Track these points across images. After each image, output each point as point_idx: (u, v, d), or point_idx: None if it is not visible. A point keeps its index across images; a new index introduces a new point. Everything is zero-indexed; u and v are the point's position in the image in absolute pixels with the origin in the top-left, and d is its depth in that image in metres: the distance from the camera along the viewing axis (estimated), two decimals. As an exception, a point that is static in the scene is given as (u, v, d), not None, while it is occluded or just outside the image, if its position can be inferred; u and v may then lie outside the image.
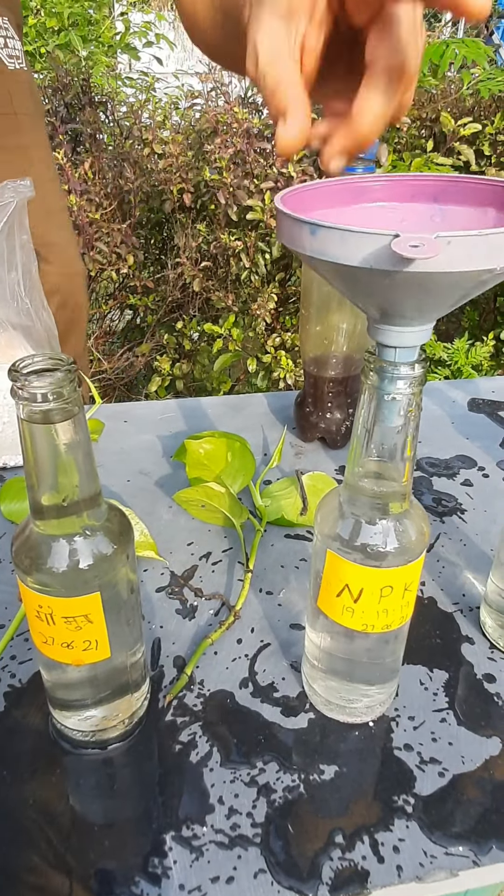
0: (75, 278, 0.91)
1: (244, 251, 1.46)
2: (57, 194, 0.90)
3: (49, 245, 0.85)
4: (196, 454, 0.58)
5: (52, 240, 0.86)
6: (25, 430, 0.29)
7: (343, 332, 0.62)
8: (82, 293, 0.93)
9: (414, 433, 0.32)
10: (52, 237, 0.87)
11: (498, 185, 0.32)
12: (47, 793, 0.36)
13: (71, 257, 0.91)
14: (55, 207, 0.88)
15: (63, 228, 0.90)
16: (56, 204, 0.89)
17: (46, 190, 0.85)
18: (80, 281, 0.92)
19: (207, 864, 0.33)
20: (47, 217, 0.85)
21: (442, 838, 0.35)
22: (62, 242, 0.89)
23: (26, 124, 0.82)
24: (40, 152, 0.86)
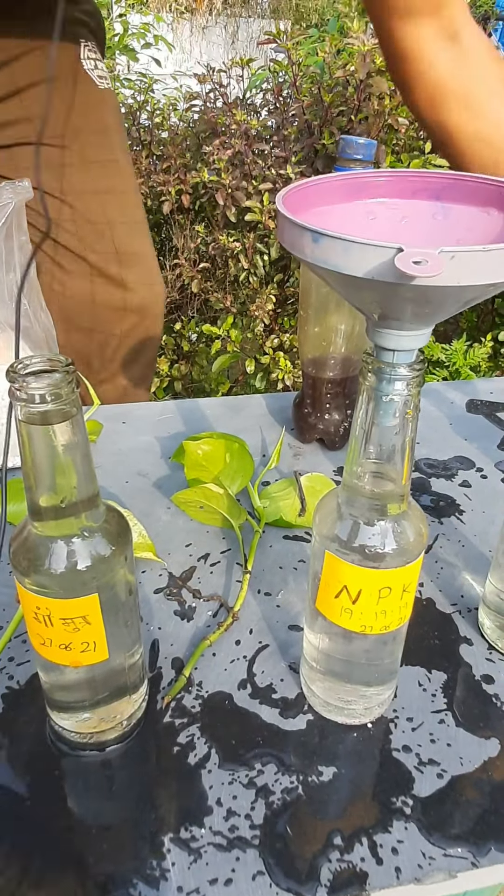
0: (155, 288, 0.93)
1: (243, 252, 1.46)
2: (139, 207, 0.92)
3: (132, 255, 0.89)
4: (194, 455, 0.58)
5: (135, 250, 0.89)
6: (23, 432, 0.29)
7: (341, 334, 0.63)
8: (161, 304, 0.95)
9: (412, 434, 0.32)
10: (135, 247, 0.89)
11: (501, 185, 0.32)
12: (45, 795, 0.36)
13: (152, 268, 0.93)
14: (138, 219, 0.91)
15: (145, 240, 0.92)
16: (139, 216, 0.92)
17: (130, 202, 0.89)
18: (160, 291, 0.94)
19: (206, 866, 0.33)
20: (131, 228, 0.88)
21: (440, 840, 0.35)
22: (145, 253, 0.92)
23: (116, 140, 0.86)
24: (127, 167, 0.90)
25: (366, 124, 1.35)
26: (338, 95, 1.39)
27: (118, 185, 0.87)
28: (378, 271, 0.25)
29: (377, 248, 0.24)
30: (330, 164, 1.37)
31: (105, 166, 0.85)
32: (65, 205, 0.83)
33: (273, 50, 1.43)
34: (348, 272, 0.26)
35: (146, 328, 0.94)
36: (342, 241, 0.25)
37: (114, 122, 0.86)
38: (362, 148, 0.54)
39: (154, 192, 1.60)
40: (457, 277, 0.24)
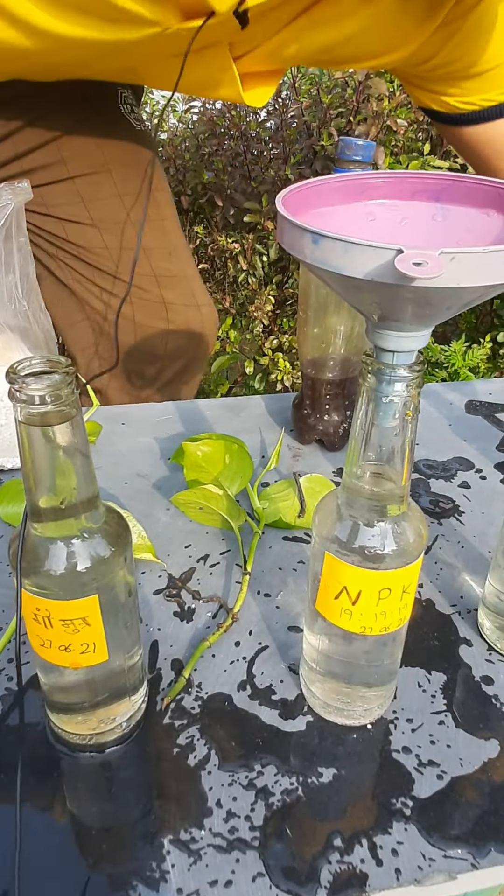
0: (202, 309, 0.96)
1: (242, 253, 1.46)
2: (177, 233, 0.97)
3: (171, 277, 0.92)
4: (194, 456, 0.58)
5: (173, 273, 0.93)
6: (23, 433, 0.29)
7: (341, 335, 0.63)
8: (209, 326, 0.98)
9: (412, 435, 0.32)
10: (173, 270, 0.93)
11: (500, 187, 0.32)
12: (44, 797, 0.36)
13: (196, 289, 0.96)
14: (176, 244, 0.95)
15: (185, 263, 0.96)
16: (177, 241, 0.96)
17: (168, 228, 0.94)
18: (207, 312, 0.97)
19: (206, 867, 0.33)
20: (169, 253, 0.93)
21: (440, 841, 0.35)
22: (186, 275, 0.95)
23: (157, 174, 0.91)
24: (165, 196, 0.94)
25: (364, 125, 1.35)
26: (336, 97, 1.40)
27: (155, 214, 0.91)
28: (378, 273, 0.25)
29: (377, 249, 0.24)
30: (329, 166, 1.38)
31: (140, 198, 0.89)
32: (97, 231, 0.88)
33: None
34: (348, 273, 0.26)
35: (193, 348, 0.98)
36: (342, 242, 0.25)
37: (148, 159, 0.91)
38: (361, 149, 0.54)
39: (153, 194, 1.60)
40: (457, 279, 0.24)
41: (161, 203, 0.93)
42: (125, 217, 0.89)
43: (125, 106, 0.88)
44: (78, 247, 0.89)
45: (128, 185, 0.89)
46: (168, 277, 0.92)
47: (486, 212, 0.33)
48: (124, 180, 0.88)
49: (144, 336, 0.93)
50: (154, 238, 0.91)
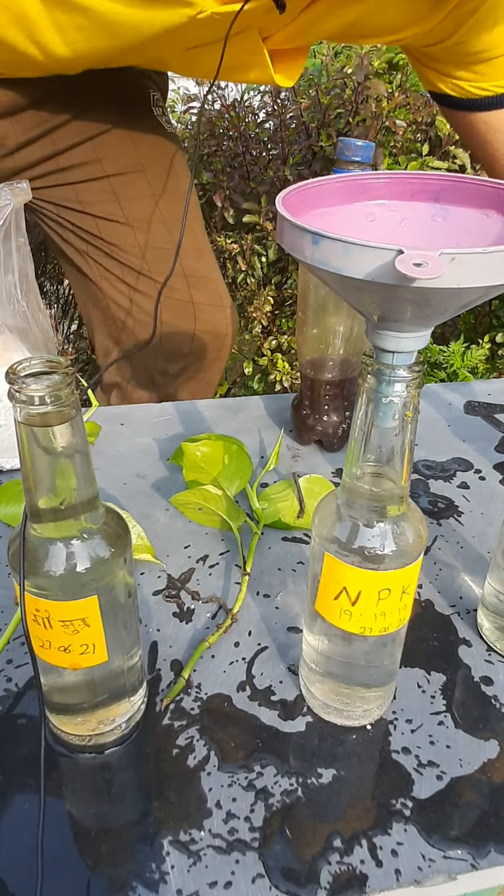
0: (227, 310, 0.98)
1: (241, 254, 1.46)
2: (204, 235, 0.98)
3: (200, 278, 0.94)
4: (193, 457, 0.58)
5: (202, 274, 0.95)
6: (23, 433, 0.29)
7: (340, 335, 0.63)
8: (228, 325, 0.99)
9: (411, 436, 0.32)
10: (202, 271, 0.95)
11: (500, 188, 0.32)
12: (44, 798, 0.36)
13: (220, 290, 0.98)
14: (205, 247, 0.97)
15: (212, 264, 0.98)
16: (203, 244, 0.97)
17: (195, 230, 0.95)
18: (230, 314, 0.99)
19: (205, 868, 0.33)
20: (199, 255, 0.95)
21: (440, 842, 0.35)
22: (213, 277, 0.97)
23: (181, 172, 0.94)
24: (194, 197, 0.96)
25: (363, 126, 1.35)
26: (335, 97, 1.40)
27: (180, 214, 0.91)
28: (378, 273, 0.25)
29: (377, 249, 0.24)
30: (328, 166, 1.38)
31: (170, 198, 0.91)
32: (130, 229, 0.90)
33: (271, 52, 1.43)
34: (348, 274, 0.26)
35: (216, 348, 0.99)
36: (342, 242, 0.25)
37: (178, 158, 0.93)
38: (360, 150, 0.54)
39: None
40: (457, 279, 0.24)
41: (191, 205, 0.94)
42: (158, 216, 0.90)
43: (157, 109, 0.90)
44: (110, 244, 0.90)
45: (160, 185, 0.90)
46: (197, 278, 0.94)
47: (486, 212, 0.33)
48: (157, 180, 0.90)
49: (170, 335, 0.94)
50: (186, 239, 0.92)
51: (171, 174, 0.92)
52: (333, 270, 0.26)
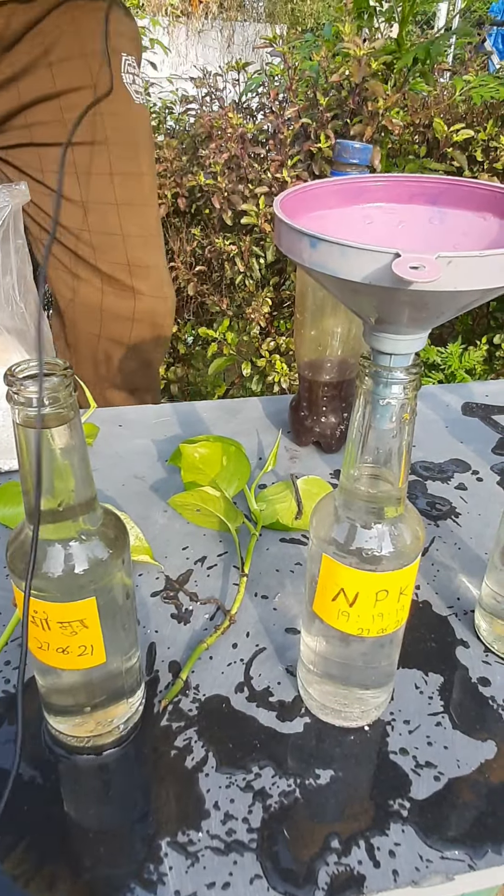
0: (167, 301, 0.95)
1: (239, 255, 1.46)
2: (156, 220, 0.95)
3: (144, 267, 0.90)
4: (191, 458, 0.58)
5: (147, 263, 0.91)
6: (21, 435, 0.29)
7: (337, 337, 0.63)
8: (170, 315, 0.97)
9: (409, 438, 0.32)
10: (147, 260, 0.91)
11: (497, 191, 0.32)
12: (42, 799, 0.36)
13: (163, 281, 0.95)
14: (153, 232, 0.93)
15: (158, 252, 0.95)
16: (155, 229, 0.94)
17: (148, 215, 0.92)
18: (169, 305, 0.96)
19: (203, 869, 0.33)
20: (146, 241, 0.91)
21: (438, 842, 0.35)
22: (157, 265, 0.94)
23: (144, 155, 0.89)
24: (150, 181, 0.92)
25: (361, 126, 1.35)
26: (333, 99, 1.40)
27: (138, 198, 0.89)
28: (375, 276, 0.25)
29: (374, 252, 0.25)
30: (326, 168, 1.38)
31: (128, 179, 0.87)
32: (85, 212, 0.86)
33: (269, 54, 1.43)
34: (345, 277, 0.26)
35: (155, 338, 0.96)
36: (339, 245, 0.25)
37: (144, 137, 0.88)
38: (358, 152, 0.54)
39: (150, 195, 1.60)
40: (454, 282, 0.24)
41: (146, 189, 0.90)
42: (112, 198, 0.86)
43: (127, 75, 0.85)
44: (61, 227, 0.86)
45: (121, 163, 0.86)
46: (141, 268, 0.91)
47: (483, 215, 0.33)
48: (118, 158, 0.85)
49: (111, 324, 0.92)
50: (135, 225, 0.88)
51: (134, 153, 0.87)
52: (331, 273, 0.26)
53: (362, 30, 1.51)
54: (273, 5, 5.89)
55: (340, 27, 1.36)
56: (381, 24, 1.68)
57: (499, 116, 1.49)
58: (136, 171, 0.88)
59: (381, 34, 1.40)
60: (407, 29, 1.43)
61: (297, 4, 5.51)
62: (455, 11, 2.90)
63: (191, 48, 4.70)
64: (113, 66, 0.82)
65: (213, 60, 4.04)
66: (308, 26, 5.00)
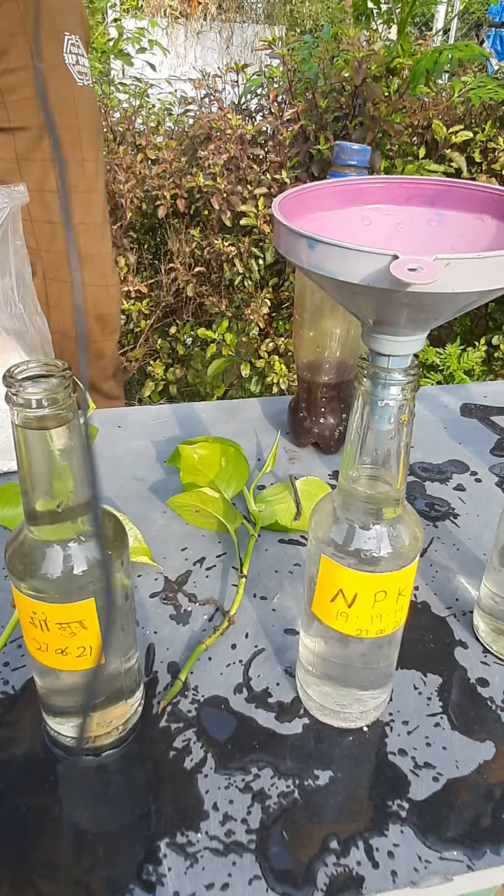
0: (110, 290, 0.93)
1: (238, 256, 1.46)
2: (100, 207, 0.92)
3: (87, 256, 0.88)
4: (190, 459, 0.59)
5: (90, 251, 0.89)
6: (20, 436, 0.29)
7: (336, 338, 0.63)
8: (116, 304, 0.95)
9: (407, 439, 0.32)
10: (90, 249, 0.89)
11: (494, 193, 0.32)
12: (41, 800, 0.36)
13: (106, 269, 0.93)
14: (98, 220, 0.91)
15: (102, 241, 0.92)
16: (100, 217, 0.91)
17: (93, 203, 0.89)
18: (114, 293, 0.94)
19: (202, 870, 0.33)
20: (89, 229, 0.88)
21: (436, 843, 0.35)
22: (100, 254, 0.91)
23: (87, 139, 0.85)
24: (95, 166, 0.89)
25: (361, 129, 1.36)
26: (332, 101, 1.40)
27: (81, 185, 0.86)
28: (373, 278, 0.25)
29: (373, 254, 0.25)
30: (325, 169, 1.38)
31: (70, 165, 0.84)
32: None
33: (268, 56, 1.43)
34: (344, 278, 0.26)
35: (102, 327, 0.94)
36: (338, 247, 0.26)
37: (87, 121, 0.85)
38: (357, 154, 0.54)
39: (149, 197, 1.61)
40: (451, 284, 0.24)
41: (90, 175, 0.87)
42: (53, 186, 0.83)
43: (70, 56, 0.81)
44: None
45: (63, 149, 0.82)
46: (85, 256, 0.88)
47: (481, 217, 0.33)
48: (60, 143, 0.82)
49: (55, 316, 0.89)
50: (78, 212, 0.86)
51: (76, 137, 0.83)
52: (329, 275, 0.26)
53: (361, 31, 1.51)
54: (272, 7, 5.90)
55: (342, 27, 1.36)
56: (380, 25, 1.69)
57: (497, 118, 1.50)
58: (79, 156, 0.85)
59: (379, 36, 1.41)
60: (406, 31, 1.43)
61: (296, 6, 5.52)
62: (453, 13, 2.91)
63: (189, 49, 4.71)
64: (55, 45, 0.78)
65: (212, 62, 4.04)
66: (307, 28, 5.01)
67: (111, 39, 2.03)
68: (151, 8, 4.42)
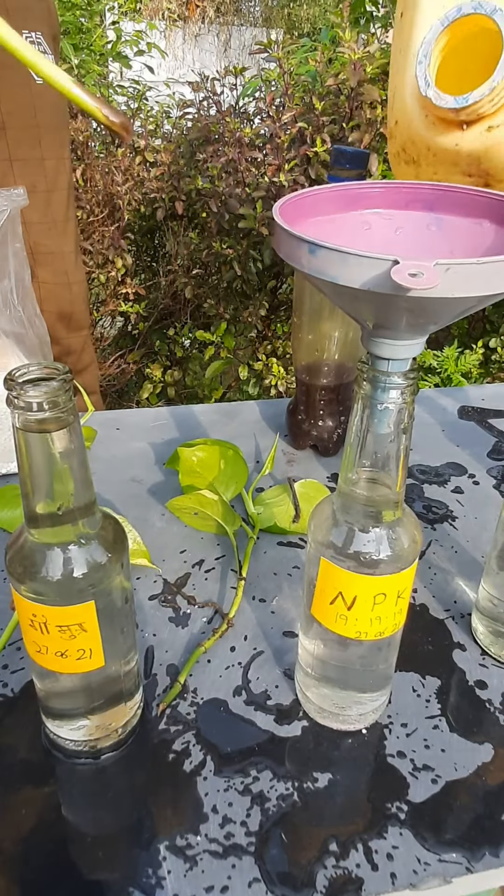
0: (73, 287, 0.92)
1: (236, 259, 1.46)
2: (64, 205, 0.92)
3: (47, 254, 0.87)
4: (189, 462, 0.59)
5: (50, 249, 0.88)
6: (21, 439, 0.29)
7: (335, 341, 0.63)
8: (80, 301, 0.94)
9: (406, 442, 0.32)
10: (51, 247, 0.88)
11: (493, 198, 0.32)
12: (40, 803, 0.36)
13: (69, 267, 0.92)
14: (60, 218, 0.90)
15: (65, 239, 0.91)
16: (62, 215, 0.91)
17: (54, 201, 0.88)
18: (78, 290, 0.93)
19: (202, 873, 0.33)
20: (50, 228, 0.87)
21: (435, 845, 0.35)
22: (63, 251, 0.91)
23: (47, 138, 0.84)
24: (57, 164, 0.88)
25: (358, 132, 1.36)
26: (329, 104, 1.41)
27: (41, 184, 0.85)
28: (373, 282, 0.25)
29: (373, 260, 0.25)
30: (323, 172, 1.38)
31: (29, 165, 0.83)
32: None
33: (265, 59, 1.44)
34: (344, 283, 0.26)
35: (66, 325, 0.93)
36: (339, 252, 0.26)
37: (48, 119, 0.84)
38: (355, 158, 0.55)
39: (147, 199, 1.61)
40: (451, 289, 0.25)
41: (50, 174, 0.87)
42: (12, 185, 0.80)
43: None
44: None
45: (21, 149, 0.82)
46: (44, 254, 0.88)
47: (479, 222, 0.33)
48: (18, 143, 0.81)
49: None
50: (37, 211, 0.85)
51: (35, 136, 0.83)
52: (330, 279, 0.27)
53: (360, 35, 1.51)
54: (269, 10, 5.91)
55: (339, 32, 1.36)
56: (378, 29, 1.69)
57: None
58: (38, 155, 0.84)
59: (377, 40, 1.41)
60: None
61: (294, 9, 5.54)
62: (451, 17, 2.92)
63: (188, 52, 4.72)
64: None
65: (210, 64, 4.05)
66: (304, 31, 5.02)
67: (109, 42, 2.03)
68: (150, 11, 4.43)
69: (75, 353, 0.98)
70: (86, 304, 0.97)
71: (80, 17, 1.99)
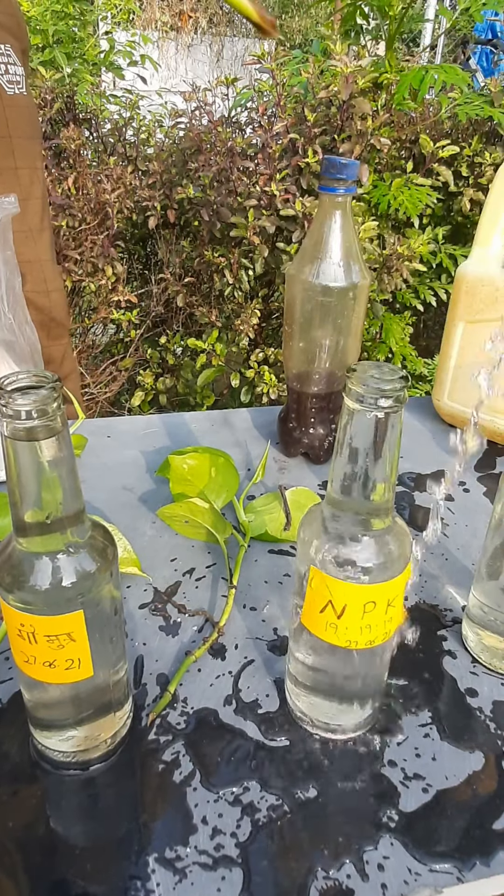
0: (52, 295, 0.93)
1: (227, 267, 1.47)
2: (40, 214, 0.92)
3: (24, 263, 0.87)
4: (180, 469, 0.58)
5: (28, 258, 0.88)
6: (9, 448, 0.29)
7: (326, 349, 0.63)
8: (59, 309, 0.94)
9: (395, 450, 0.32)
10: (27, 256, 0.88)
11: None
12: (27, 815, 0.36)
13: (48, 275, 0.92)
14: (36, 227, 0.91)
15: (41, 247, 0.92)
16: (37, 224, 0.91)
17: (29, 209, 0.88)
18: (56, 297, 0.93)
19: (191, 885, 0.33)
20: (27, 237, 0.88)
21: (426, 855, 0.35)
22: (40, 260, 0.91)
23: (20, 147, 0.85)
24: (30, 174, 0.89)
25: (349, 143, 1.37)
26: (321, 115, 1.42)
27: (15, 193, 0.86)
28: None
29: None
30: (314, 182, 1.39)
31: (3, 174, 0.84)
32: None
33: (257, 70, 1.45)
34: None
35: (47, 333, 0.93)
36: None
37: (20, 128, 0.85)
38: (345, 168, 0.55)
39: (140, 207, 1.61)
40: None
41: (24, 183, 0.87)
42: None
43: None
44: None
45: None
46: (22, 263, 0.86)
47: None
48: None
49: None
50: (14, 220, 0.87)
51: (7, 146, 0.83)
52: None
53: (350, 47, 1.53)
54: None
55: (330, 44, 1.38)
56: (368, 41, 1.71)
57: (484, 133, 1.52)
58: (11, 165, 0.85)
59: (367, 52, 1.43)
60: (394, 47, 1.46)
61: (285, 21, 5.59)
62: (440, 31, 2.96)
63: (180, 62, 4.75)
64: None
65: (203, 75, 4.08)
66: (296, 42, 5.07)
67: (102, 52, 2.04)
68: (143, 21, 4.46)
69: (55, 361, 0.99)
70: (65, 312, 0.98)
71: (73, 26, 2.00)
